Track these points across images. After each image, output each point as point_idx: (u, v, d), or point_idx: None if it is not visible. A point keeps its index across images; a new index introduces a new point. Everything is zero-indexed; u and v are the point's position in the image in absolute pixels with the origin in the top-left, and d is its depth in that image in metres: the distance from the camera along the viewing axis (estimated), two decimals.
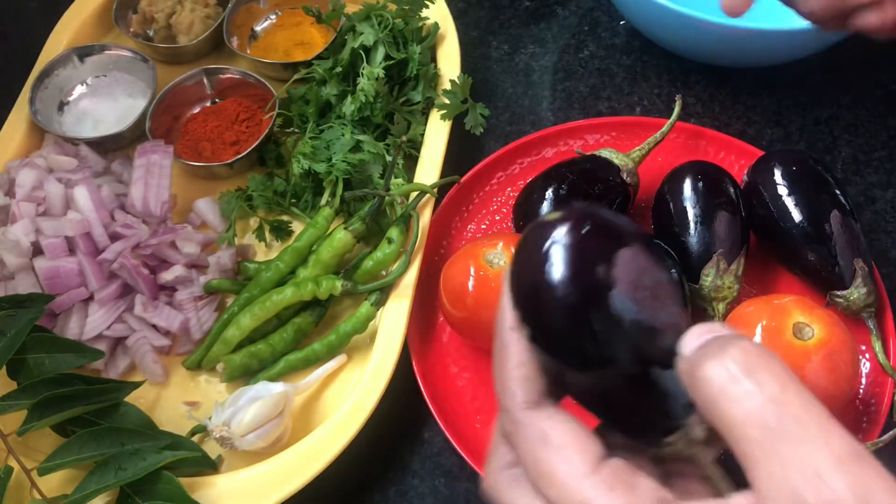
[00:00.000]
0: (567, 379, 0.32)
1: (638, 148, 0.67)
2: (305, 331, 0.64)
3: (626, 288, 0.30)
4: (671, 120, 0.67)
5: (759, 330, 0.55)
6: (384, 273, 0.64)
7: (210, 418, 0.57)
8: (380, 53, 0.71)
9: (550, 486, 0.29)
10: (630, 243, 0.30)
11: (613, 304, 0.29)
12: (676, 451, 0.31)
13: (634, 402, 0.31)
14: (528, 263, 0.31)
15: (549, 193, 0.64)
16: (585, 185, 0.64)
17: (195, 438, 0.59)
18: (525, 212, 0.65)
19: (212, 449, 0.59)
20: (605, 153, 0.66)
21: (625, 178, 0.65)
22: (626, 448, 0.31)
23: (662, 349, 0.30)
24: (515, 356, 0.33)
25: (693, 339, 0.29)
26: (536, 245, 0.31)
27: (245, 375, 0.63)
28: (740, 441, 0.26)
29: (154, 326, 0.64)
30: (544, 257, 0.30)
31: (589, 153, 0.67)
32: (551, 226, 0.31)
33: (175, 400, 0.63)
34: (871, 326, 0.60)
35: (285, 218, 0.70)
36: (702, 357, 0.28)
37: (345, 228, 0.64)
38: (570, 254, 0.30)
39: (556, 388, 0.32)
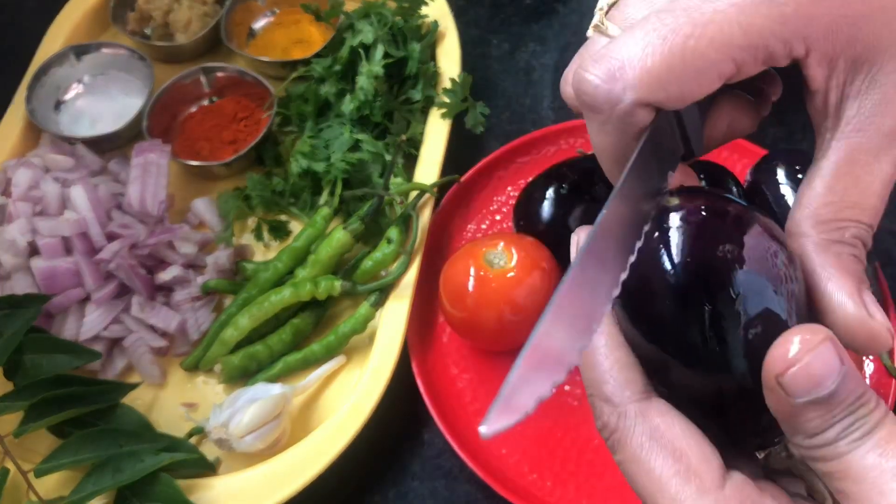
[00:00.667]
0: (669, 378, 0.28)
1: None
2: (304, 332, 0.63)
3: (755, 265, 0.27)
4: None
5: None
6: (383, 273, 0.64)
7: (208, 420, 0.57)
8: (379, 51, 0.70)
9: (664, 497, 0.26)
10: (756, 226, 0.28)
11: (737, 283, 0.27)
12: (776, 464, 0.29)
13: (744, 406, 0.28)
14: (645, 251, 0.28)
15: (549, 193, 0.63)
16: (587, 184, 0.64)
17: (193, 440, 0.59)
18: (525, 211, 0.65)
19: (210, 451, 0.58)
20: None
21: None
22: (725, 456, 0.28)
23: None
24: (616, 343, 0.29)
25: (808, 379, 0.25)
26: (653, 229, 0.28)
27: (243, 377, 0.62)
28: None
29: (151, 327, 0.63)
30: (664, 239, 0.28)
31: (590, 152, 0.67)
32: (668, 210, 0.29)
33: (172, 401, 0.62)
34: None
35: (283, 218, 0.70)
36: (844, 437, 0.25)
37: (343, 228, 0.63)
38: (693, 232, 0.27)
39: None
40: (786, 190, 0.61)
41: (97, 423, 0.56)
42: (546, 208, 0.63)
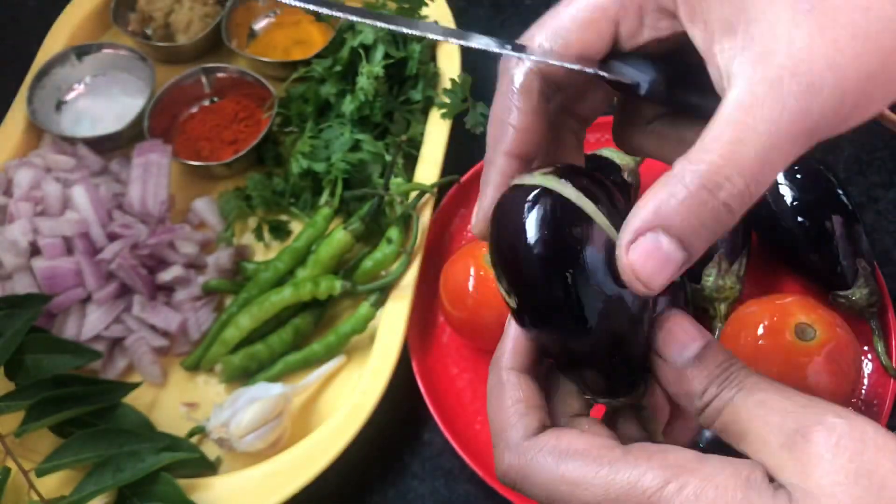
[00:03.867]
0: (550, 348, 0.33)
1: None
2: (304, 332, 0.63)
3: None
4: None
5: (760, 330, 0.55)
6: (383, 273, 0.64)
7: (209, 419, 0.57)
8: (379, 52, 0.70)
9: (590, 487, 0.29)
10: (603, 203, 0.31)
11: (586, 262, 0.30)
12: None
13: (610, 361, 0.32)
14: (508, 226, 0.32)
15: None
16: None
17: (194, 440, 0.59)
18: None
19: (210, 450, 0.58)
20: (606, 152, 0.66)
21: (626, 177, 0.64)
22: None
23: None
24: (511, 393, 0.34)
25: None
26: (515, 208, 0.31)
27: (244, 376, 0.62)
28: None
29: (152, 327, 0.63)
30: (523, 219, 0.31)
31: (590, 152, 0.67)
32: (527, 189, 0.31)
33: (173, 401, 0.62)
34: (874, 326, 0.59)
35: (284, 218, 0.70)
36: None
37: (344, 228, 0.64)
38: (545, 215, 0.30)
39: (541, 360, 0.35)
40: (785, 190, 0.61)
41: (98, 423, 0.56)
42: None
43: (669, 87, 0.32)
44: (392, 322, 0.60)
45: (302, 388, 0.60)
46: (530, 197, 0.31)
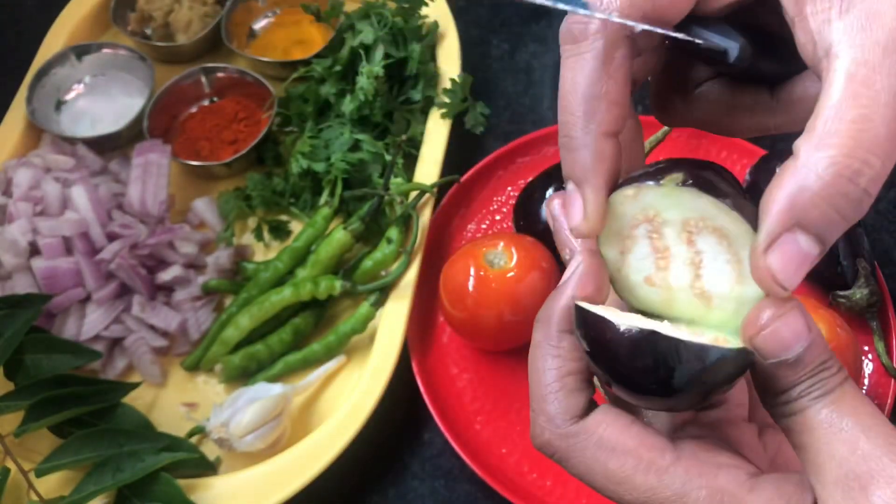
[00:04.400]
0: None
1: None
2: (304, 332, 0.63)
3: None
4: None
5: None
6: (383, 273, 0.64)
7: (208, 419, 0.57)
8: (379, 52, 0.70)
9: (634, 490, 0.28)
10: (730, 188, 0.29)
11: None
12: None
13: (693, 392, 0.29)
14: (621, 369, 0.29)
15: (550, 192, 0.63)
16: None
17: (193, 439, 0.59)
18: (525, 211, 0.65)
19: (210, 450, 0.58)
20: None
21: None
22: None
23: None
24: (568, 368, 0.30)
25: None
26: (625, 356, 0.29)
27: (243, 376, 0.62)
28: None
29: (152, 327, 0.63)
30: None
31: None
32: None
33: (173, 401, 0.62)
34: (874, 327, 0.59)
35: (284, 217, 0.70)
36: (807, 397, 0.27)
37: (344, 228, 0.64)
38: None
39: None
40: None
41: (98, 423, 0.56)
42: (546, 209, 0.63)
43: (753, 53, 0.30)
44: (392, 322, 0.60)
45: (302, 388, 0.60)
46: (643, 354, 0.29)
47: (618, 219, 0.31)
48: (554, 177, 0.65)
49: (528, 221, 0.64)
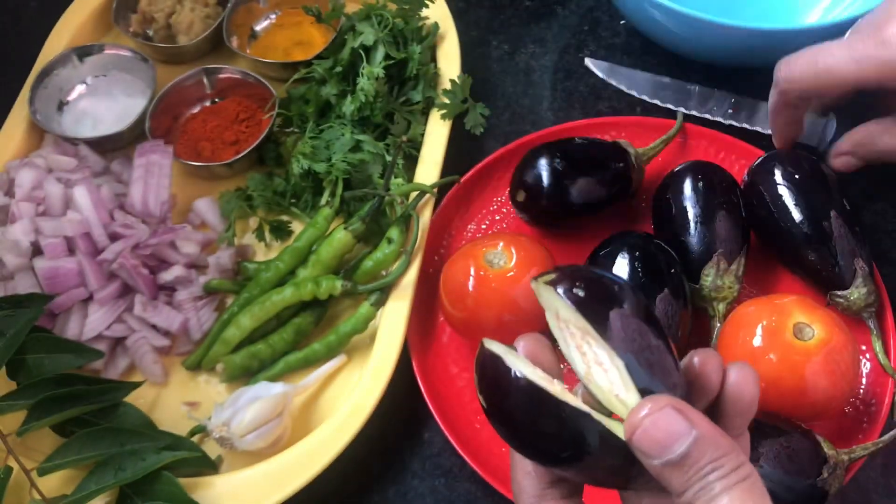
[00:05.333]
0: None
1: (650, 146, 0.67)
2: (305, 331, 0.63)
3: (622, 342, 0.31)
4: (676, 126, 0.67)
5: (759, 330, 0.55)
6: (384, 273, 0.64)
7: (210, 418, 0.57)
8: (380, 53, 0.71)
9: None
10: (621, 303, 0.32)
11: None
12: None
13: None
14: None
15: (554, 163, 0.64)
16: (587, 159, 0.65)
17: (195, 439, 0.59)
18: (524, 181, 0.65)
19: (211, 449, 0.59)
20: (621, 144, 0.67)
21: (633, 161, 0.65)
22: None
23: None
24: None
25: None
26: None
27: (245, 375, 0.62)
28: None
29: (153, 327, 0.63)
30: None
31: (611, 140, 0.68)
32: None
33: (174, 400, 0.62)
34: (872, 326, 0.60)
35: (285, 218, 0.70)
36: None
37: (345, 228, 0.64)
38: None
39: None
40: (783, 190, 0.62)
41: (100, 422, 0.56)
42: (547, 179, 0.64)
43: None
44: (392, 322, 0.61)
45: (303, 387, 0.60)
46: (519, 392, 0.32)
47: (546, 307, 0.34)
48: (556, 148, 0.65)
49: (526, 188, 0.65)
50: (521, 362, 0.33)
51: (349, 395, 0.58)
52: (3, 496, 0.53)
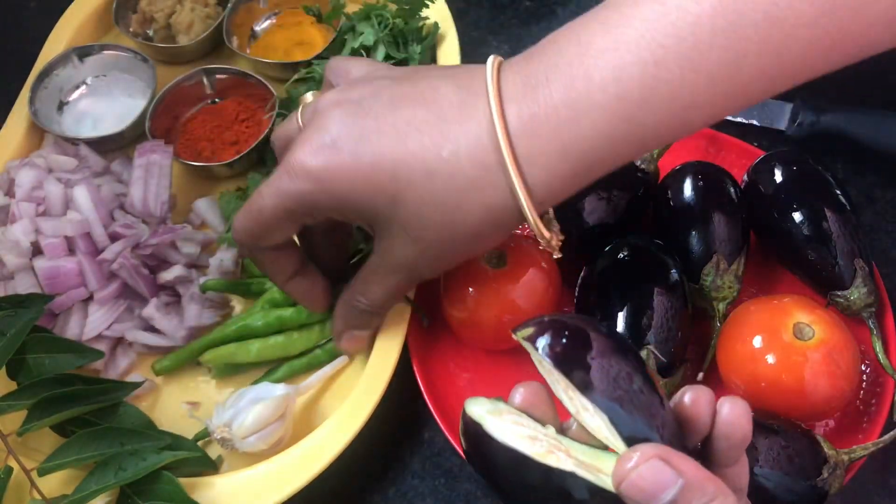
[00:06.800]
0: None
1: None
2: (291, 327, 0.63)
3: (604, 393, 0.32)
4: None
5: (759, 330, 0.55)
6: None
7: (211, 419, 0.57)
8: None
9: None
10: (602, 353, 0.33)
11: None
12: None
13: None
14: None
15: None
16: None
17: (200, 443, 0.59)
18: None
19: (212, 449, 0.59)
20: None
21: (640, 165, 0.64)
22: None
23: None
24: None
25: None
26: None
27: (236, 370, 0.62)
28: None
29: (154, 328, 0.63)
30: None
31: None
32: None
33: (175, 400, 0.62)
34: (872, 326, 0.60)
35: None
36: None
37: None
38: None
39: None
40: (783, 190, 0.62)
41: (100, 422, 0.56)
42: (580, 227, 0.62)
43: None
44: (392, 322, 0.61)
45: (304, 388, 0.60)
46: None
47: (532, 355, 0.36)
48: None
49: None
50: (503, 425, 0.34)
51: (349, 395, 0.58)
52: (4, 496, 0.53)
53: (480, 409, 0.35)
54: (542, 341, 0.34)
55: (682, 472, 0.30)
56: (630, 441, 0.32)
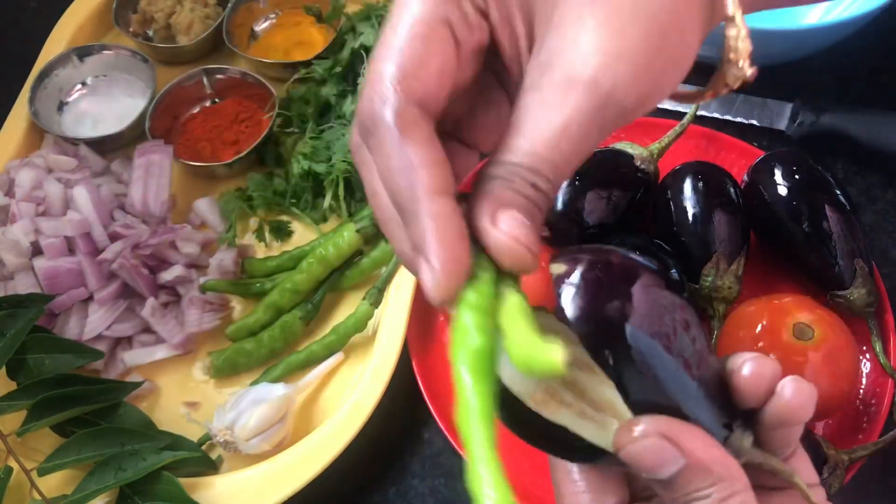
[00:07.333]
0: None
1: (658, 141, 0.67)
2: (294, 329, 0.63)
3: (642, 322, 0.29)
4: (689, 116, 0.66)
5: (759, 330, 0.55)
6: (383, 269, 0.64)
7: (209, 421, 0.57)
8: None
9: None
10: (642, 279, 0.30)
11: (631, 338, 0.29)
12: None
13: None
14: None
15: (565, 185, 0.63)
16: (599, 175, 0.64)
17: (204, 447, 0.59)
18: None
19: (211, 449, 0.59)
20: (619, 145, 0.66)
21: (639, 164, 0.64)
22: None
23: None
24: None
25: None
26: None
27: (232, 372, 0.62)
28: None
29: (151, 329, 0.63)
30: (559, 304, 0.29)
31: (603, 147, 0.67)
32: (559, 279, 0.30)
33: (175, 400, 0.62)
34: (872, 326, 0.60)
35: (285, 218, 0.70)
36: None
37: (357, 231, 0.64)
38: (582, 292, 0.29)
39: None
40: (783, 190, 0.62)
41: (99, 422, 0.56)
42: (558, 199, 0.63)
43: None
44: (392, 321, 0.61)
45: (303, 386, 0.60)
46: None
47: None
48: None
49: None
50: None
51: (349, 395, 0.58)
52: (4, 496, 0.53)
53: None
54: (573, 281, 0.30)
55: (688, 452, 0.28)
56: (638, 408, 0.29)
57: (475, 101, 0.32)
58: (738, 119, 0.75)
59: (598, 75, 0.27)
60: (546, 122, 0.27)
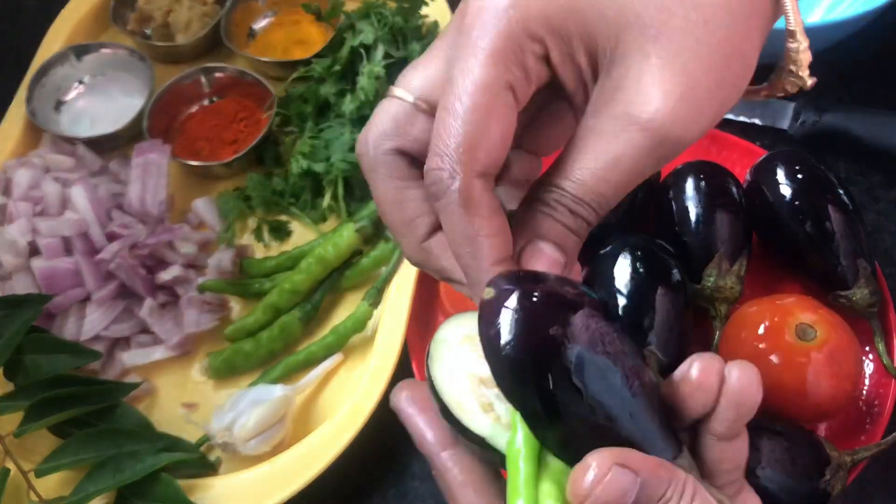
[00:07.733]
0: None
1: None
2: (292, 330, 0.63)
3: (585, 344, 0.28)
4: None
5: (761, 331, 0.55)
6: (383, 269, 0.64)
7: (208, 422, 0.57)
8: (379, 52, 0.70)
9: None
10: (582, 308, 0.29)
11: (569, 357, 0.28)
12: None
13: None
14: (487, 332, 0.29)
15: None
16: None
17: (202, 448, 0.59)
18: None
19: (210, 450, 0.58)
20: None
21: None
22: None
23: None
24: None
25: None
26: (492, 315, 0.29)
27: (230, 372, 0.62)
28: None
29: (149, 330, 0.63)
30: (497, 324, 0.28)
31: None
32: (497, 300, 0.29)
33: (173, 401, 0.62)
34: (875, 327, 0.59)
35: (284, 218, 0.70)
36: None
37: (356, 231, 0.63)
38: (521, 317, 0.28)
39: None
40: (785, 190, 0.61)
41: (97, 423, 0.56)
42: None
43: None
44: (392, 322, 0.60)
45: (302, 386, 0.60)
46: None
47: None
48: None
49: None
50: (453, 360, 0.32)
51: (349, 395, 0.58)
52: (2, 498, 0.53)
53: (450, 332, 0.32)
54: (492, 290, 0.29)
55: (639, 470, 0.27)
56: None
57: (538, 114, 0.34)
58: (741, 118, 0.74)
59: (657, 116, 0.28)
60: (600, 152, 0.29)
